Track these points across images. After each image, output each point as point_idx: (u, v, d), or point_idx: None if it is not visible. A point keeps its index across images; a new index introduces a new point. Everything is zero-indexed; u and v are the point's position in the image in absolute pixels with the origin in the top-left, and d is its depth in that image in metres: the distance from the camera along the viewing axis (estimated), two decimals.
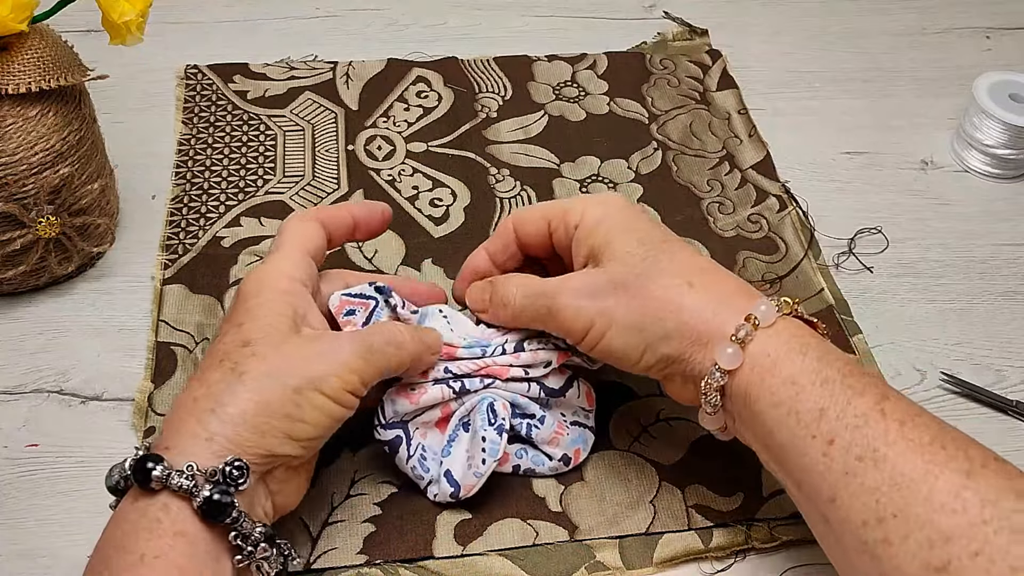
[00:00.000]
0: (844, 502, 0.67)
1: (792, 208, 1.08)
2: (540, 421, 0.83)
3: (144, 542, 0.64)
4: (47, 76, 0.87)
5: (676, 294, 0.75)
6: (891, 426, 0.68)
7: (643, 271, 0.76)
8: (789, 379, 0.71)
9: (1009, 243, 1.07)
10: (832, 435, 0.68)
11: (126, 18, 0.88)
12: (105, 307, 0.96)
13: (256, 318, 0.73)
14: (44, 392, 0.89)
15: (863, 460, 0.67)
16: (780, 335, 0.73)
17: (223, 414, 0.68)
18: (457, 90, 1.20)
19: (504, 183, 1.09)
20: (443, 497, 0.81)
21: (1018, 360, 0.97)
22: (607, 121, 1.18)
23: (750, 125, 1.17)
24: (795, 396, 0.71)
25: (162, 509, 0.66)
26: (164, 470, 0.65)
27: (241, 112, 1.15)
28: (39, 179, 0.87)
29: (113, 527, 0.67)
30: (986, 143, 1.12)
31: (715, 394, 0.74)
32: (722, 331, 0.73)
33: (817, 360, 0.72)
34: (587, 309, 0.77)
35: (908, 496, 0.65)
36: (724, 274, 0.79)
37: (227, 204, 1.04)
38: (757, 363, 0.72)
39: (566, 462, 0.84)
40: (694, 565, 0.81)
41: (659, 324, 0.75)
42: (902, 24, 1.35)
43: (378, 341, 0.75)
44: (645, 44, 1.29)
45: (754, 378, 0.72)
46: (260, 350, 0.71)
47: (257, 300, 0.74)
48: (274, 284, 0.75)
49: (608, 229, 0.79)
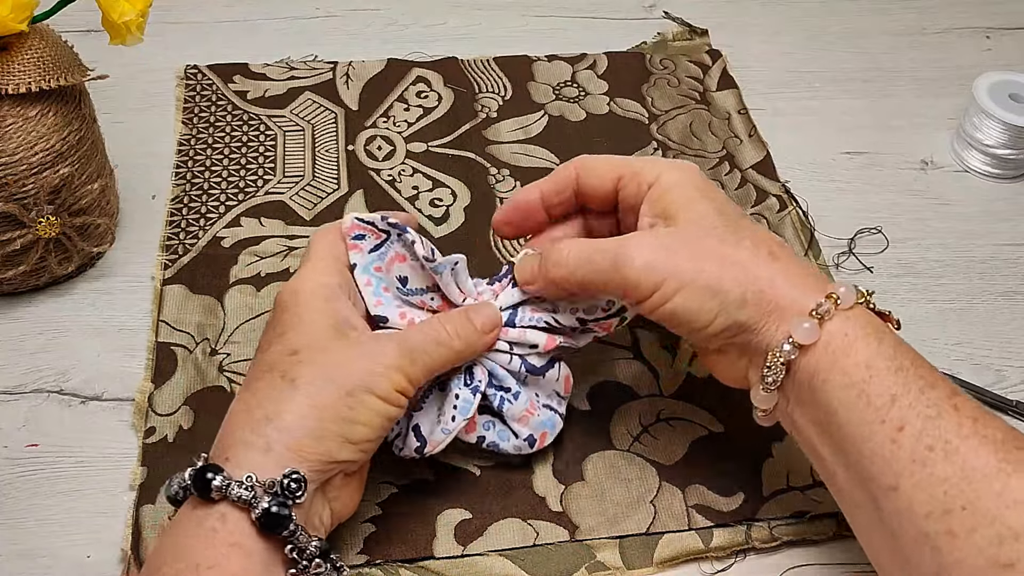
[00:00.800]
0: (907, 491, 0.66)
1: (792, 208, 1.08)
2: (514, 396, 0.82)
3: (200, 551, 0.65)
4: (47, 76, 0.87)
5: (758, 263, 0.74)
6: (964, 420, 0.67)
7: (723, 237, 0.75)
8: (864, 362, 0.70)
9: (1009, 243, 1.07)
10: (903, 422, 0.67)
11: (126, 18, 0.88)
12: (105, 307, 0.96)
13: (299, 326, 0.73)
14: (44, 392, 0.89)
15: (933, 450, 0.66)
16: (858, 319, 0.72)
17: (280, 423, 0.68)
18: (457, 90, 1.19)
19: (504, 183, 1.09)
20: (408, 452, 0.79)
21: (1018, 360, 0.97)
22: (607, 121, 1.17)
23: (750, 125, 1.17)
24: (868, 379, 0.69)
25: (219, 519, 0.66)
26: (224, 480, 0.65)
27: (241, 112, 1.15)
28: (39, 179, 0.87)
29: (170, 536, 0.67)
30: (986, 143, 1.12)
31: (780, 368, 0.72)
32: (801, 305, 0.72)
33: (892, 347, 0.71)
34: (659, 266, 0.73)
35: (980, 490, 0.64)
36: (798, 256, 0.78)
37: (227, 204, 1.04)
38: (833, 342, 0.71)
39: (531, 443, 0.83)
40: (694, 565, 0.81)
41: (738, 289, 0.73)
42: (902, 24, 1.35)
43: (421, 340, 0.74)
44: (645, 44, 1.29)
45: (827, 357, 0.71)
46: (308, 356, 0.71)
47: (296, 310, 0.74)
48: (313, 291, 0.75)
49: (686, 192, 0.77)
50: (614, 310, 0.81)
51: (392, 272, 0.80)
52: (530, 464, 0.85)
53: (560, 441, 0.86)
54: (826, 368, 0.71)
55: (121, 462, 0.84)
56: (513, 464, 0.85)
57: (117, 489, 0.83)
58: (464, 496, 0.83)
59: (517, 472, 0.85)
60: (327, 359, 0.71)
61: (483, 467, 0.85)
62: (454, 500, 0.83)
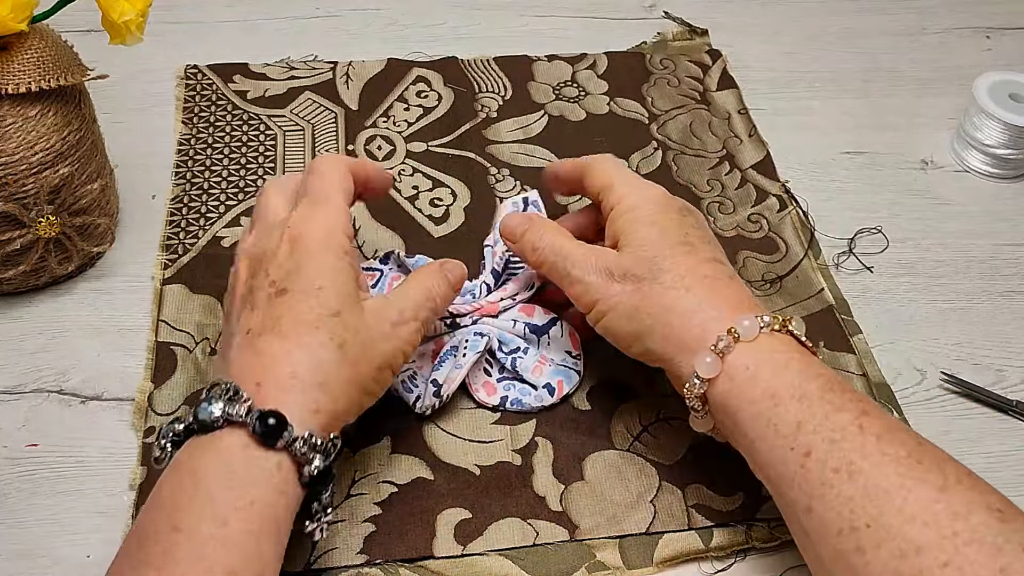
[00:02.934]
0: (820, 512, 0.69)
1: (792, 208, 1.08)
2: (524, 352, 0.89)
3: (257, 489, 0.66)
4: (47, 76, 0.87)
5: (670, 298, 0.78)
6: (868, 440, 0.69)
7: (650, 268, 0.80)
8: (768, 392, 0.73)
9: (1009, 243, 1.07)
10: (809, 447, 0.70)
11: (126, 18, 0.87)
12: (105, 307, 0.96)
13: (335, 282, 0.75)
14: (44, 392, 0.89)
15: (839, 472, 0.69)
16: (761, 349, 0.75)
17: (328, 389, 0.71)
18: (457, 90, 1.19)
19: (504, 183, 1.09)
20: (426, 402, 0.86)
21: (1018, 360, 0.97)
22: (607, 121, 1.17)
23: (750, 125, 1.17)
24: (773, 408, 0.73)
25: (276, 466, 0.68)
26: (290, 434, 0.67)
27: (241, 112, 1.15)
28: (39, 179, 0.87)
29: (217, 464, 0.67)
30: (986, 143, 1.12)
31: (696, 400, 0.77)
32: (704, 340, 0.76)
33: (797, 374, 0.74)
34: (596, 288, 0.81)
35: (881, 506, 0.67)
36: (725, 283, 0.80)
37: (227, 204, 1.04)
38: (737, 374, 0.75)
39: (550, 391, 0.88)
40: (694, 565, 0.81)
41: (649, 321, 0.79)
42: (902, 24, 1.35)
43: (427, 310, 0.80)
44: (645, 44, 1.29)
45: (733, 389, 0.74)
46: (350, 322, 0.74)
47: (326, 258, 0.75)
48: (339, 242, 0.77)
49: (634, 219, 0.83)
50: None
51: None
52: (530, 463, 0.85)
53: (559, 441, 0.87)
54: (735, 399, 0.75)
55: (121, 462, 0.84)
56: (513, 463, 0.85)
57: (117, 489, 0.83)
58: (464, 495, 0.83)
59: (517, 471, 0.85)
60: (365, 328, 0.74)
61: (483, 466, 0.85)
62: (454, 500, 0.83)
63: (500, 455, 0.86)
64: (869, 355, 0.95)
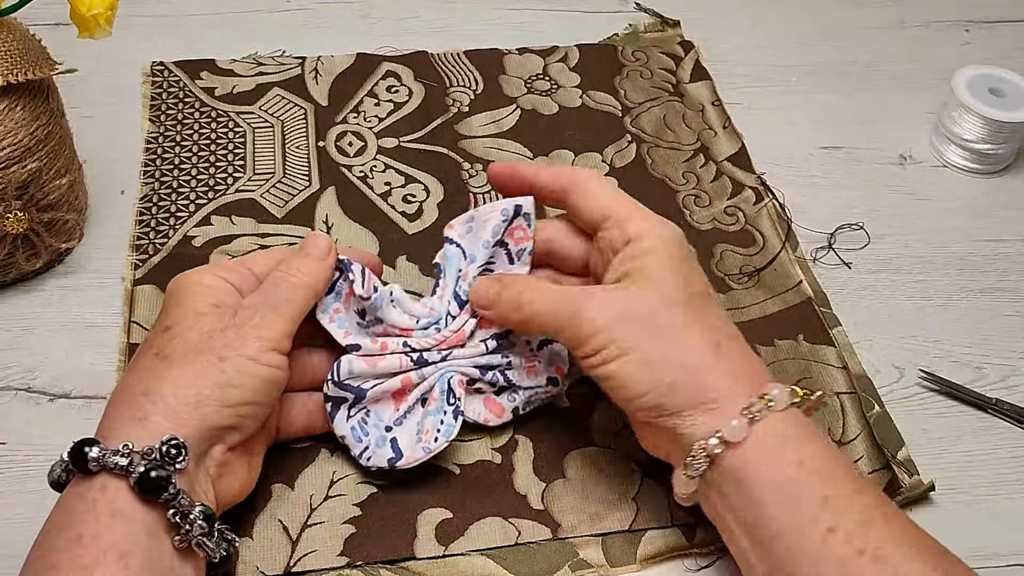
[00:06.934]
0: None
1: (768, 200, 1.07)
2: (508, 364, 0.85)
3: (82, 523, 0.66)
4: (15, 70, 0.86)
5: (703, 351, 0.74)
6: (895, 528, 0.68)
7: (677, 318, 0.75)
8: (796, 461, 0.71)
9: (989, 239, 1.07)
10: (834, 524, 0.68)
11: (95, 11, 0.87)
12: (73, 304, 0.95)
13: (175, 308, 0.76)
14: (12, 390, 0.88)
15: (864, 554, 0.67)
16: (791, 420, 0.73)
17: (155, 396, 0.70)
18: (428, 84, 1.18)
19: (477, 178, 1.08)
20: (377, 462, 0.81)
21: (997, 357, 0.97)
22: (580, 114, 1.17)
23: (724, 117, 1.17)
24: (800, 479, 0.70)
25: (99, 490, 0.67)
26: (100, 451, 0.67)
27: (209, 109, 1.13)
28: (7, 174, 0.86)
29: (55, 512, 0.68)
30: (965, 138, 1.11)
31: (704, 460, 0.73)
32: (733, 402, 0.73)
33: (824, 450, 0.72)
34: (612, 329, 0.75)
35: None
36: (745, 346, 0.78)
37: (197, 203, 1.03)
38: (764, 442, 0.72)
39: (555, 383, 0.87)
40: (678, 561, 0.81)
41: (671, 375, 0.74)
42: (880, 18, 1.35)
43: (278, 292, 0.77)
44: (616, 36, 1.28)
45: (756, 454, 0.72)
46: (180, 332, 0.74)
47: (177, 295, 0.77)
48: (196, 279, 0.78)
49: (659, 259, 0.77)
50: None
51: (350, 307, 0.83)
52: (510, 462, 0.85)
53: (540, 438, 0.86)
54: (755, 466, 0.72)
55: None
56: (493, 462, 0.84)
57: None
58: (445, 495, 0.82)
59: (498, 470, 0.84)
60: (197, 330, 0.74)
61: (463, 465, 0.84)
62: (435, 499, 0.82)
63: (480, 454, 0.85)
64: (849, 348, 0.95)
